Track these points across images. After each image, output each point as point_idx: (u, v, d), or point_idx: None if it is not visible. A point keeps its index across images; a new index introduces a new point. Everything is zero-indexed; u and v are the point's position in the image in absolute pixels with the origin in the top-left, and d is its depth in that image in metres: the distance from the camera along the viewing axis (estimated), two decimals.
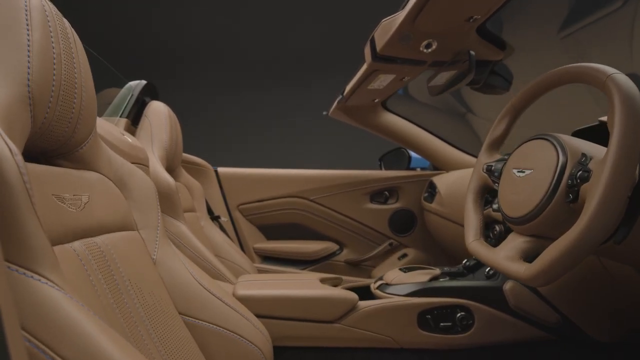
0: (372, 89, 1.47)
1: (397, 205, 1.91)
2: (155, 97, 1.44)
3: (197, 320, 0.79)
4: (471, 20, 0.92)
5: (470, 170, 1.73)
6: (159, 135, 1.30)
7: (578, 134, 0.92)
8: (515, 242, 0.71)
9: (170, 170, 1.41)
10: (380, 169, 2.18)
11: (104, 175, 0.75)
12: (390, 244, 1.90)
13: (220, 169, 1.86)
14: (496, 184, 0.85)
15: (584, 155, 0.62)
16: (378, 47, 1.06)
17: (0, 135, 0.42)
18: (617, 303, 0.92)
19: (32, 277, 0.39)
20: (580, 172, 0.60)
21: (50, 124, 0.58)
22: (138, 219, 0.81)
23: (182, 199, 1.33)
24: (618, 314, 0.94)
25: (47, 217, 0.54)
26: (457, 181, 1.63)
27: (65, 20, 0.64)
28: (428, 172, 1.94)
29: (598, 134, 0.90)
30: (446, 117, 2.17)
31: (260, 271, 1.73)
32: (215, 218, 1.71)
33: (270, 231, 1.90)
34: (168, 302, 0.76)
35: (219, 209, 1.81)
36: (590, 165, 0.59)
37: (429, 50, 1.05)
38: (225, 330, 0.81)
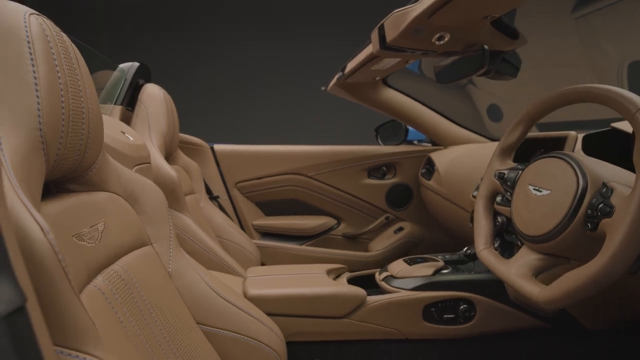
0: (375, 69, 1.43)
1: (394, 180, 1.92)
2: (148, 79, 1.37)
3: (215, 329, 0.82)
4: (489, 17, 0.88)
5: (468, 146, 1.74)
6: (157, 122, 1.25)
7: (589, 138, 0.92)
8: (527, 259, 0.73)
9: (168, 154, 1.37)
10: (377, 139, 2.17)
11: (114, 193, 0.73)
12: (387, 218, 1.93)
13: (217, 146, 1.82)
14: (508, 193, 0.85)
15: (604, 185, 0.62)
16: (388, 38, 1.02)
17: (29, 210, 0.40)
18: (610, 296, 0.97)
19: (77, 356, 0.40)
20: (602, 205, 0.60)
21: (61, 159, 0.55)
22: (151, 232, 0.80)
23: (181, 183, 1.31)
24: (610, 305, 0.99)
25: (71, 262, 0.53)
26: (456, 160, 1.63)
27: (64, 35, 0.59)
28: (426, 147, 1.94)
29: (609, 138, 0.90)
30: (446, 88, 2.13)
31: (260, 248, 1.75)
32: (214, 198, 1.71)
33: (269, 207, 1.91)
34: (187, 316, 0.77)
35: (217, 188, 1.79)
36: (613, 201, 0.60)
37: (441, 42, 1.01)
38: (243, 337, 0.83)
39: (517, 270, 0.72)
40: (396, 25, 0.96)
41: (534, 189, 0.74)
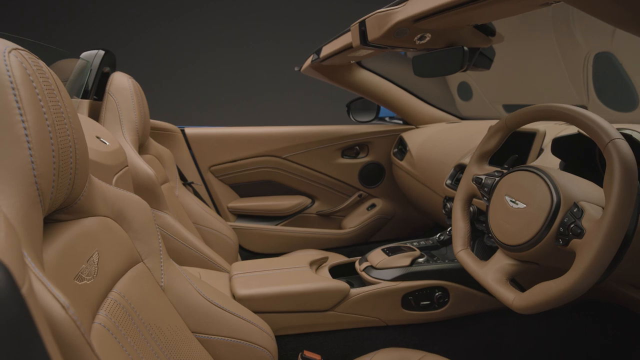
0: (352, 56, 1.41)
1: (367, 159, 1.96)
2: (114, 67, 1.29)
3: (209, 336, 0.84)
4: (472, 24, 0.89)
5: (439, 126, 1.79)
6: (128, 116, 1.20)
7: (558, 142, 0.98)
8: (502, 264, 0.79)
9: (140, 144, 1.33)
10: (348, 115, 2.17)
11: (103, 215, 0.72)
12: (360, 196, 1.99)
13: (188, 130, 1.76)
14: (485, 198, 0.91)
15: (576, 205, 0.68)
16: (370, 37, 1.01)
17: (46, 286, 0.39)
18: None
19: None
20: (573, 225, 0.66)
21: (53, 201, 0.54)
22: (140, 248, 0.80)
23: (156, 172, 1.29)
24: None
25: (77, 307, 0.53)
26: (427, 142, 1.68)
27: (42, 66, 0.56)
28: (398, 126, 1.97)
29: (577, 141, 0.96)
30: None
31: (236, 230, 1.77)
32: (188, 184, 1.68)
33: (243, 189, 1.91)
34: (183, 328, 0.79)
35: (190, 172, 1.76)
36: (584, 223, 0.65)
37: (422, 42, 1.02)
38: (237, 340, 0.87)
39: (493, 276, 0.79)
40: (379, 26, 0.95)
41: (511, 201, 0.79)
